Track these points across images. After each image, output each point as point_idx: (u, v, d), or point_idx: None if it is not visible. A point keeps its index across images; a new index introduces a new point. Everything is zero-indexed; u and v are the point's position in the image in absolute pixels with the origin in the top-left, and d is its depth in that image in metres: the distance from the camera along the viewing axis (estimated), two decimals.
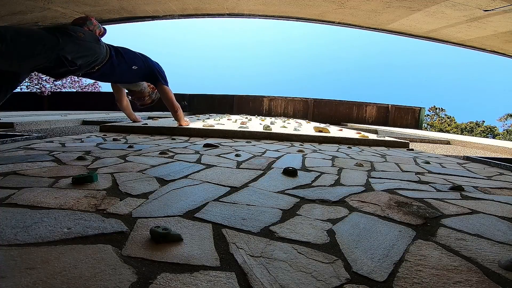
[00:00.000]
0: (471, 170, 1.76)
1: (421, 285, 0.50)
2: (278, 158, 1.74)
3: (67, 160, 1.34)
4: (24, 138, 1.97)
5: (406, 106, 9.72)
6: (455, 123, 19.12)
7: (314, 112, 9.38)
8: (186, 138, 2.55)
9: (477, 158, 2.18)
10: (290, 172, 1.28)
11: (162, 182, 1.06)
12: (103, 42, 2.00)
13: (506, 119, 17.16)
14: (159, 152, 1.66)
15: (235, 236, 0.65)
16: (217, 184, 1.07)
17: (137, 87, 2.59)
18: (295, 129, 3.35)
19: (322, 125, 4.56)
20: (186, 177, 1.15)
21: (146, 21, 4.47)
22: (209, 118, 4.94)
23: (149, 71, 2.49)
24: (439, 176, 1.49)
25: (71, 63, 1.70)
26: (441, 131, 16.97)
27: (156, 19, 4.44)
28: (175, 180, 1.09)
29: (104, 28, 2.09)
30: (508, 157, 2.90)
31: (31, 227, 0.62)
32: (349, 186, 1.17)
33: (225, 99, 9.53)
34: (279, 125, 3.87)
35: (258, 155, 1.79)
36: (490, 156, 2.60)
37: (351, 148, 2.56)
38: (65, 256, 0.52)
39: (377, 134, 5.06)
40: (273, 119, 6.08)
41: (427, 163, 1.92)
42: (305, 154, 1.96)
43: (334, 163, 1.69)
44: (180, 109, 2.87)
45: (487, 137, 16.10)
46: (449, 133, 13.44)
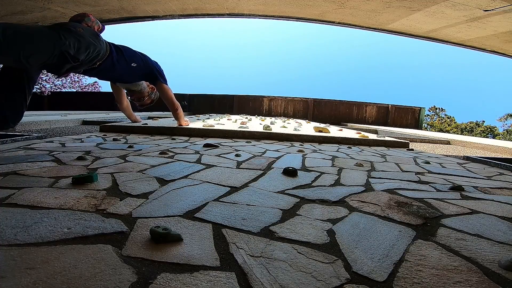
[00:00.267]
0: (471, 170, 1.76)
1: (421, 285, 0.50)
2: (278, 158, 1.74)
3: (67, 160, 1.34)
4: (24, 138, 1.97)
5: (406, 106, 9.73)
6: (455, 123, 19.12)
7: (314, 112, 9.38)
8: (186, 138, 2.55)
9: (477, 158, 2.18)
10: (290, 172, 1.28)
11: (162, 182, 1.06)
12: (102, 38, 2.01)
13: (506, 119, 17.16)
14: (159, 152, 1.66)
15: (235, 236, 0.65)
16: (217, 184, 1.07)
17: (136, 87, 2.59)
18: (295, 129, 3.35)
19: (322, 125, 4.56)
20: (186, 177, 1.15)
21: (146, 21, 4.47)
22: (209, 118, 4.94)
23: (148, 70, 2.49)
24: (439, 176, 1.49)
25: (74, 58, 1.71)
26: (441, 131, 16.97)
27: (156, 19, 4.45)
28: (175, 180, 1.09)
29: (102, 24, 2.10)
30: (508, 157, 2.90)
31: (31, 227, 0.62)
32: (349, 186, 1.17)
33: (225, 99, 9.54)
34: (279, 125, 3.87)
35: (258, 155, 1.79)
36: (490, 156, 2.60)
37: (351, 148, 2.56)
38: (65, 256, 0.52)
39: (377, 134, 5.06)
40: (273, 119, 6.08)
41: (427, 163, 1.92)
42: (305, 154, 1.96)
43: (334, 163, 1.69)
44: (180, 107, 2.87)
45: (487, 137, 16.10)
46: (449, 133, 13.44)
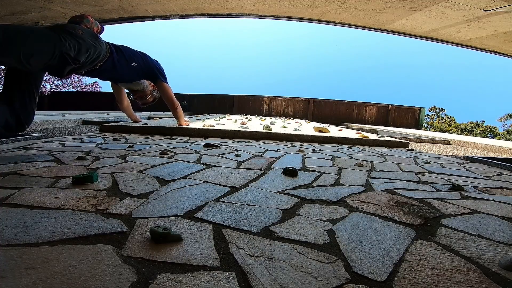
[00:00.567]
0: (471, 170, 1.76)
1: (421, 285, 0.50)
2: (278, 158, 1.74)
3: (67, 160, 1.34)
4: (24, 138, 1.97)
5: (406, 106, 9.73)
6: (455, 123, 19.12)
7: (314, 112, 9.38)
8: (186, 138, 2.55)
9: (477, 158, 2.18)
10: (290, 172, 1.28)
11: (162, 182, 1.06)
12: (102, 39, 2.01)
13: (506, 119, 17.17)
14: (159, 152, 1.66)
15: (235, 236, 0.65)
16: (217, 184, 1.07)
17: (138, 86, 2.59)
18: (295, 129, 3.35)
19: (322, 125, 4.56)
20: (186, 177, 1.15)
21: (146, 21, 4.47)
22: (209, 118, 4.94)
23: (148, 69, 2.50)
24: (439, 176, 1.49)
25: (74, 60, 1.71)
26: (441, 131, 16.97)
27: (156, 19, 4.45)
28: (175, 180, 1.09)
29: (102, 25, 2.10)
30: (508, 157, 2.90)
31: (31, 227, 0.62)
32: (349, 186, 1.17)
33: (225, 99, 9.54)
34: (279, 125, 3.87)
35: (258, 155, 1.79)
36: (490, 156, 2.60)
37: (351, 148, 2.56)
38: (65, 256, 0.52)
39: (377, 134, 5.06)
40: (273, 119, 6.08)
41: (427, 163, 1.92)
42: (305, 154, 1.96)
43: (334, 163, 1.69)
44: (179, 107, 2.87)
45: (487, 137, 16.11)
46: (449, 133, 13.45)
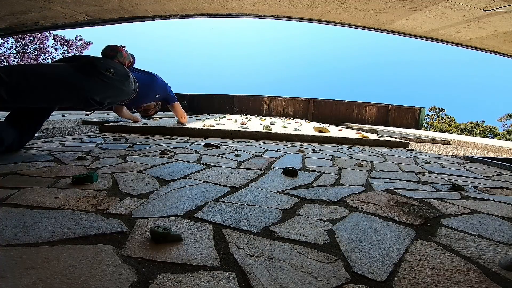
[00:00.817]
0: (471, 170, 1.76)
1: (421, 285, 0.50)
2: (278, 158, 1.74)
3: (67, 160, 1.34)
4: None
5: (406, 106, 9.72)
6: (455, 123, 19.13)
7: (314, 112, 9.38)
8: (186, 138, 2.55)
9: (477, 158, 2.18)
10: (290, 172, 1.28)
11: (162, 182, 1.06)
12: (132, 77, 1.96)
13: (506, 119, 17.17)
14: (159, 152, 1.66)
15: (235, 236, 0.65)
16: (217, 184, 1.07)
17: (146, 104, 2.65)
18: (295, 129, 3.35)
19: (322, 125, 4.56)
20: (186, 177, 1.15)
21: (146, 21, 4.47)
22: (209, 118, 4.94)
23: (165, 95, 2.70)
24: (439, 176, 1.49)
25: (100, 103, 1.69)
26: (441, 131, 16.97)
27: (156, 19, 4.44)
28: (175, 180, 1.09)
29: (133, 57, 2.10)
30: (508, 157, 2.90)
31: (31, 227, 0.62)
32: (349, 186, 1.17)
33: (225, 99, 9.54)
34: (279, 125, 3.87)
35: (258, 155, 1.79)
36: (490, 156, 2.60)
37: (351, 148, 2.56)
38: (65, 256, 0.52)
39: (377, 134, 5.06)
40: (273, 119, 6.08)
41: (427, 163, 1.92)
42: (305, 154, 1.96)
43: (334, 163, 1.69)
44: (186, 119, 3.30)
45: (487, 137, 16.11)
46: (449, 133, 13.45)
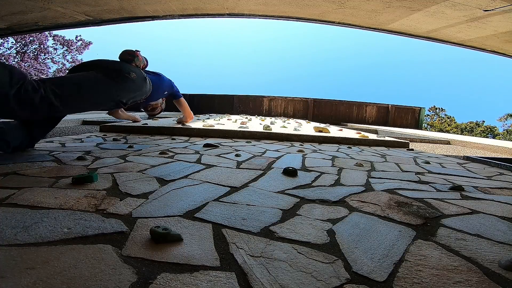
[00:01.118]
0: (471, 170, 1.76)
1: (421, 285, 0.50)
2: (278, 158, 1.74)
3: (67, 160, 1.34)
4: None
5: (406, 106, 9.73)
6: (455, 123, 19.13)
7: (314, 112, 9.38)
8: (186, 138, 2.55)
9: (477, 158, 2.18)
10: (290, 172, 1.28)
11: (162, 182, 1.06)
12: (148, 78, 2.09)
13: (506, 119, 17.17)
14: (159, 152, 1.66)
15: (235, 236, 0.65)
16: (217, 184, 1.07)
17: (154, 102, 2.66)
18: (295, 129, 3.35)
19: (322, 125, 4.56)
20: (186, 177, 1.15)
21: (146, 21, 4.47)
22: (209, 118, 4.93)
23: (171, 91, 2.73)
24: (439, 176, 1.49)
25: (125, 104, 1.89)
26: (441, 131, 16.97)
27: (156, 19, 4.44)
28: (175, 180, 1.09)
29: (146, 60, 2.22)
30: (508, 157, 2.90)
31: (31, 227, 0.62)
32: (349, 186, 1.17)
33: (225, 99, 9.53)
34: (279, 125, 3.87)
35: (258, 155, 1.79)
36: (490, 156, 2.60)
37: (351, 148, 2.56)
38: (65, 256, 0.52)
39: (377, 134, 5.06)
40: (273, 119, 6.08)
41: (427, 163, 1.92)
42: (305, 154, 1.96)
43: (334, 163, 1.69)
44: (192, 117, 3.31)
45: (487, 137, 16.11)
46: (449, 133, 13.45)
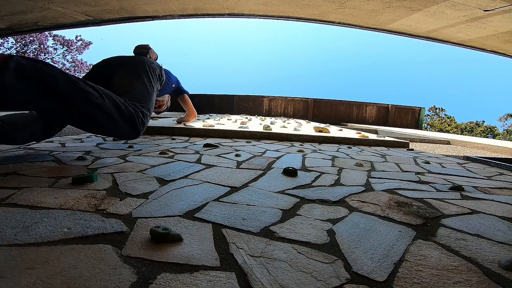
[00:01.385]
0: (471, 170, 1.76)
1: (421, 285, 0.50)
2: (278, 158, 1.74)
3: (67, 160, 1.34)
4: None
5: (406, 106, 9.72)
6: (455, 123, 19.13)
7: (314, 112, 9.37)
8: (186, 138, 2.55)
9: (477, 158, 2.18)
10: (290, 172, 1.28)
11: (162, 182, 1.06)
12: (163, 69, 2.16)
13: (506, 119, 17.17)
14: (159, 152, 1.66)
15: (235, 236, 0.65)
16: (217, 184, 1.07)
17: (162, 98, 2.67)
18: (295, 129, 3.35)
19: (322, 125, 4.56)
20: (186, 177, 1.15)
21: (146, 21, 4.47)
22: (209, 118, 4.93)
23: (177, 87, 2.77)
24: (439, 176, 1.49)
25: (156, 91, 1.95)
26: (441, 131, 16.98)
27: (156, 19, 4.44)
28: (175, 180, 1.09)
29: (156, 54, 2.28)
30: (508, 157, 2.90)
31: (31, 227, 0.62)
32: (349, 186, 1.17)
33: (225, 99, 9.53)
34: (279, 125, 3.87)
35: (258, 155, 1.79)
36: (490, 156, 2.60)
37: (351, 148, 2.56)
38: (65, 256, 0.52)
39: (377, 134, 5.06)
40: (273, 119, 6.08)
41: (427, 163, 1.92)
42: (305, 154, 1.96)
43: (334, 163, 1.69)
44: (196, 114, 3.30)
45: (487, 137, 16.11)
46: (449, 133, 13.45)
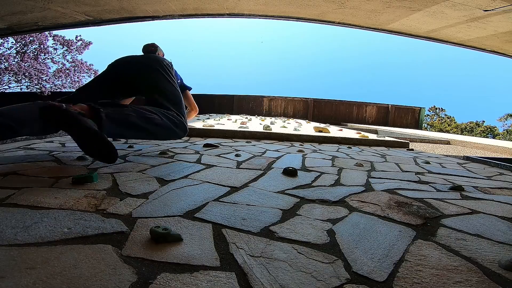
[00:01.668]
0: (471, 170, 1.76)
1: (421, 285, 0.50)
2: (278, 158, 1.74)
3: (67, 160, 1.34)
4: (24, 138, 1.97)
5: (406, 106, 9.73)
6: (455, 123, 19.13)
7: (314, 112, 9.37)
8: (186, 138, 2.55)
9: (477, 158, 2.18)
10: (290, 172, 1.28)
11: (162, 182, 1.06)
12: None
13: (506, 119, 17.17)
14: (159, 152, 1.66)
15: (235, 236, 0.65)
16: (217, 184, 1.07)
17: None
18: (295, 129, 3.35)
19: (322, 125, 4.56)
20: (186, 177, 1.15)
21: (146, 21, 4.46)
22: (209, 118, 4.93)
23: (181, 84, 2.78)
24: (439, 176, 1.49)
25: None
26: (441, 131, 16.97)
27: (156, 19, 4.44)
28: (175, 180, 1.09)
29: (162, 51, 2.28)
30: (508, 157, 2.90)
31: (31, 227, 0.62)
32: (349, 186, 1.17)
33: (225, 99, 9.53)
34: (279, 125, 3.87)
35: (258, 155, 1.79)
36: (490, 156, 2.60)
37: (351, 148, 2.56)
38: (65, 256, 0.52)
39: (377, 134, 5.06)
40: (273, 119, 6.08)
41: (427, 163, 1.92)
42: (305, 154, 1.96)
43: (334, 163, 1.69)
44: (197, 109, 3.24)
45: (487, 137, 16.10)
46: (449, 133, 13.44)
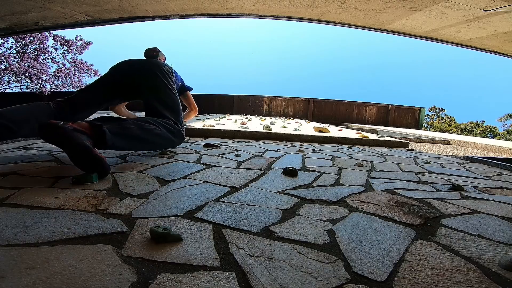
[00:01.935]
0: (471, 170, 1.76)
1: (421, 285, 0.50)
2: (278, 158, 1.74)
3: (67, 160, 1.34)
4: (24, 138, 1.97)
5: (406, 106, 9.73)
6: (455, 123, 19.13)
7: (314, 112, 9.38)
8: (186, 138, 2.55)
9: (477, 158, 2.18)
10: (290, 172, 1.28)
11: (162, 182, 1.06)
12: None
13: (506, 119, 17.17)
14: (159, 152, 1.66)
15: (235, 236, 0.65)
16: (217, 184, 1.07)
17: None
18: (295, 129, 3.36)
19: (322, 125, 4.56)
20: (186, 177, 1.15)
21: (146, 21, 4.46)
22: (209, 118, 4.94)
23: (182, 84, 2.78)
24: (439, 176, 1.49)
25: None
26: (441, 131, 16.97)
27: (156, 19, 4.44)
28: (175, 180, 1.09)
29: (164, 55, 2.29)
30: (508, 157, 2.90)
31: (31, 227, 0.62)
32: (349, 186, 1.17)
33: (225, 99, 9.53)
34: (279, 125, 3.88)
35: (258, 155, 1.79)
36: (490, 156, 2.60)
37: (351, 148, 2.56)
38: (65, 256, 0.52)
39: (377, 134, 5.06)
40: (273, 119, 6.08)
41: (427, 163, 1.92)
42: (305, 154, 1.96)
43: (334, 163, 1.69)
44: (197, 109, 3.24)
45: (487, 137, 16.10)
46: (449, 133, 13.44)
